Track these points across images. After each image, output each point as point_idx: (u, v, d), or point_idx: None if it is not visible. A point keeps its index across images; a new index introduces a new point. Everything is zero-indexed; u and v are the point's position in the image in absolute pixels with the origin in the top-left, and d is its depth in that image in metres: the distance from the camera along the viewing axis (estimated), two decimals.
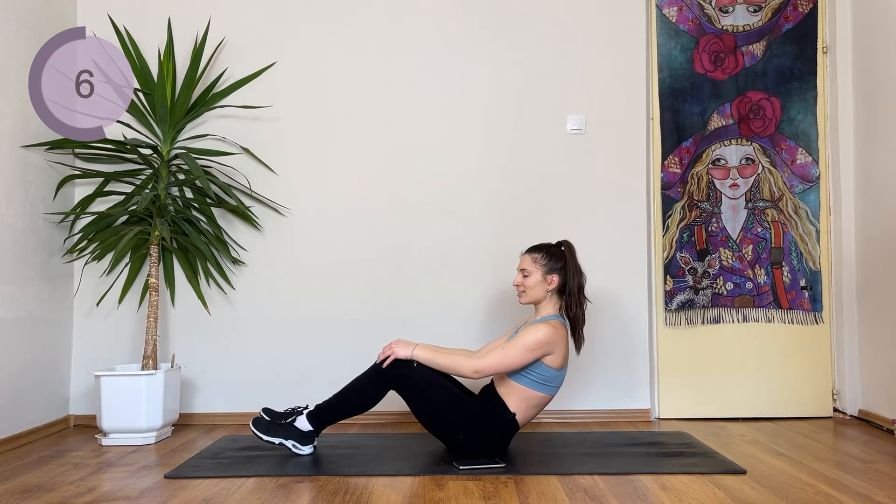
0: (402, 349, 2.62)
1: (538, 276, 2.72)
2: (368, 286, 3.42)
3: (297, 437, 2.66)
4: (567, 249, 2.75)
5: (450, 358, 2.62)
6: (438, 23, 3.48)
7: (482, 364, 2.58)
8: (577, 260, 2.75)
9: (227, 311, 3.42)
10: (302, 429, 2.66)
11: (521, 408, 2.65)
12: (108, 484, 2.36)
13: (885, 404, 3.16)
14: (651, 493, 2.21)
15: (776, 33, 3.50)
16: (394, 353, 2.61)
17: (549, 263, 2.72)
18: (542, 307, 2.75)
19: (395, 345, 2.63)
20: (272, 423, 2.68)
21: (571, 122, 3.45)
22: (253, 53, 3.46)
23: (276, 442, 2.66)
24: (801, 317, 3.46)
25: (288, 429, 2.66)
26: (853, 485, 2.28)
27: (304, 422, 2.66)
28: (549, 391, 2.67)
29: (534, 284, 2.72)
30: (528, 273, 2.73)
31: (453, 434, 2.63)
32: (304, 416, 2.67)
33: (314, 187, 3.44)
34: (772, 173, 3.49)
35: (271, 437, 2.65)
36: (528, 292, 2.74)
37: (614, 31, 3.48)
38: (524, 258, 2.77)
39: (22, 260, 3.01)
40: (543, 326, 2.61)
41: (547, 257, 2.73)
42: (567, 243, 2.78)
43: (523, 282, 2.74)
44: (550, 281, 2.72)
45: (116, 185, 3.39)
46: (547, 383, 2.65)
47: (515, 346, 2.59)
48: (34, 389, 3.09)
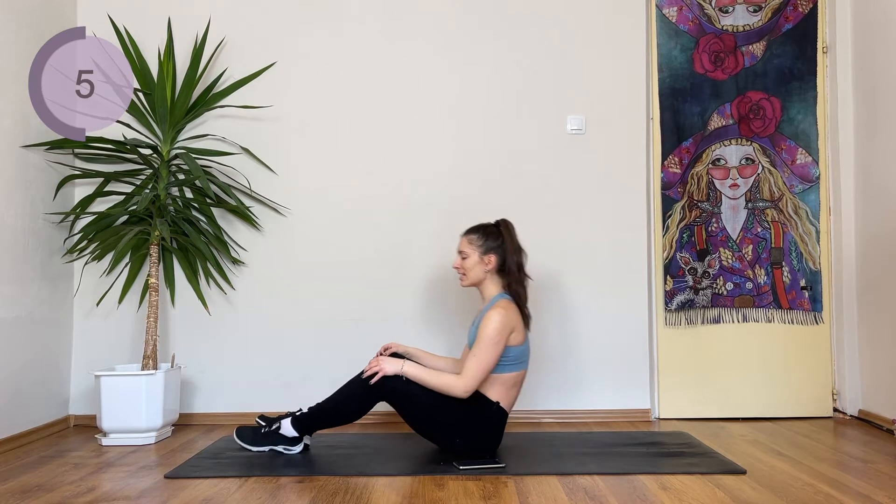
0: (390, 366, 2.58)
1: (476, 257, 2.72)
2: (368, 286, 3.42)
3: (284, 442, 2.68)
4: (504, 228, 2.76)
5: (439, 377, 2.59)
6: (438, 22, 3.48)
7: (469, 382, 2.57)
8: (515, 238, 2.75)
9: (227, 311, 3.42)
10: (287, 435, 2.67)
11: (502, 394, 2.66)
12: (108, 484, 2.36)
13: (885, 404, 3.16)
14: (651, 493, 2.21)
15: (776, 33, 3.50)
16: (382, 370, 2.58)
17: (485, 243, 2.72)
18: (484, 289, 2.76)
19: (384, 361, 2.60)
20: (257, 431, 2.69)
21: (571, 122, 3.45)
22: (253, 53, 3.46)
23: (266, 450, 2.68)
24: (801, 317, 3.46)
25: (274, 436, 2.67)
26: (853, 485, 2.28)
27: (289, 427, 2.67)
28: (520, 367, 2.69)
29: (472, 266, 2.73)
30: (466, 255, 2.73)
31: (450, 439, 2.63)
32: (288, 420, 2.67)
33: (314, 187, 3.44)
34: (772, 173, 3.49)
35: (260, 447, 2.67)
36: (467, 274, 2.74)
37: (614, 31, 3.48)
38: (461, 240, 2.77)
39: (22, 260, 3.01)
40: (494, 312, 2.61)
41: (483, 237, 2.73)
42: (505, 221, 2.79)
43: (462, 264, 2.75)
44: (488, 261, 2.72)
45: (116, 185, 3.39)
46: (516, 361, 2.67)
47: (483, 346, 2.58)
48: (34, 389, 3.09)
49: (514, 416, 3.36)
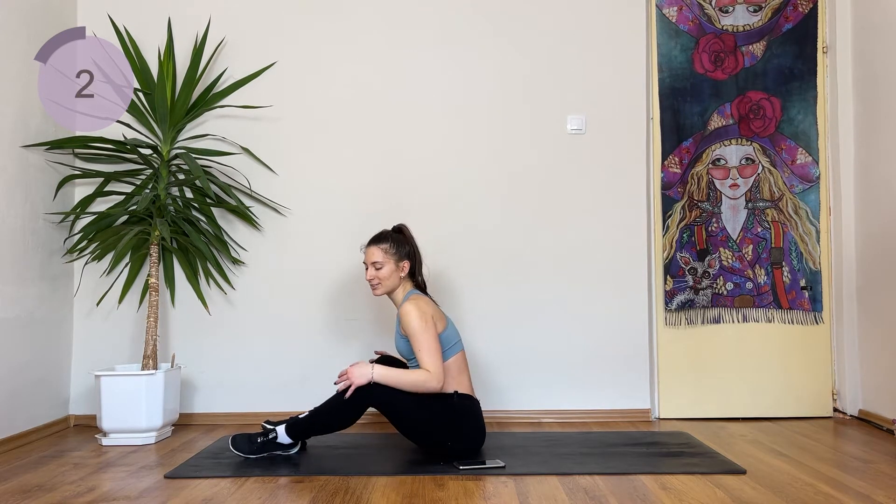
0: (360, 376, 2.54)
1: (392, 265, 2.74)
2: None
3: (280, 449, 2.68)
4: (407, 231, 2.82)
5: (407, 375, 2.57)
6: (439, 24, 3.48)
7: (434, 371, 2.57)
8: (414, 240, 2.82)
9: (227, 311, 3.42)
10: (283, 443, 2.67)
11: (453, 381, 2.69)
12: (108, 484, 2.36)
13: (885, 404, 3.16)
14: (651, 493, 2.21)
15: (776, 33, 3.50)
16: (353, 382, 2.54)
17: (397, 250, 2.75)
18: (396, 295, 2.79)
19: (353, 373, 2.55)
20: (253, 439, 2.67)
21: (571, 122, 3.45)
22: (253, 53, 3.46)
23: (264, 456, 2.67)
24: (801, 317, 3.46)
25: (270, 445, 2.66)
26: (853, 485, 2.28)
27: (284, 436, 2.66)
28: (455, 350, 2.72)
29: (389, 274, 2.74)
30: (381, 265, 2.74)
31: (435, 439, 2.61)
32: (283, 429, 2.66)
33: (314, 187, 3.44)
34: (772, 173, 3.49)
35: (258, 455, 2.66)
36: (383, 283, 2.75)
37: (614, 31, 3.48)
38: (371, 251, 2.76)
39: (22, 260, 3.01)
40: (409, 306, 2.64)
41: (395, 245, 2.76)
42: (404, 226, 2.84)
43: (377, 274, 2.74)
44: (402, 267, 2.76)
45: (116, 185, 3.39)
46: (449, 345, 2.70)
47: (419, 338, 2.59)
48: (34, 389, 3.09)
49: (514, 416, 3.37)
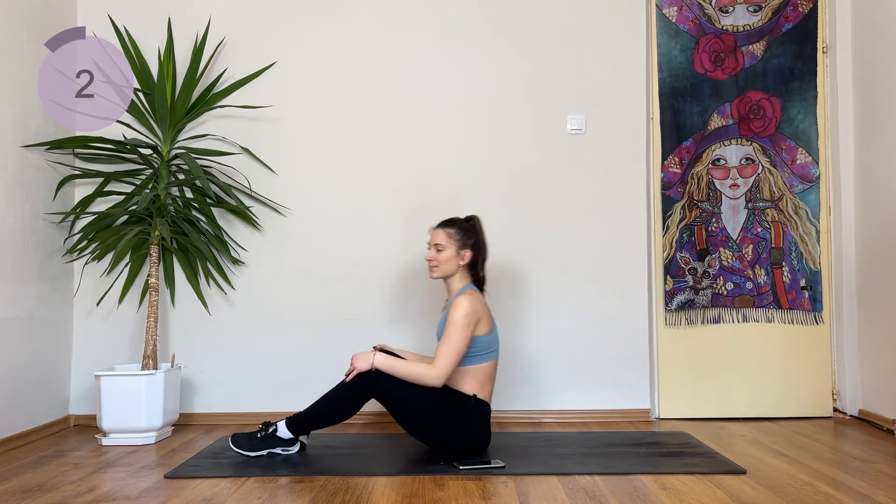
0: (362, 362, 2.60)
1: (452, 251, 2.75)
2: (369, 286, 3.42)
3: (280, 444, 2.68)
4: (478, 223, 2.82)
5: (409, 367, 2.60)
6: (439, 24, 3.48)
7: (442, 368, 2.58)
8: (484, 235, 2.82)
9: (227, 311, 3.42)
10: (283, 437, 2.68)
11: (477, 386, 2.68)
12: (108, 484, 2.36)
13: (885, 404, 3.16)
14: (651, 493, 2.21)
15: (776, 33, 3.50)
16: (356, 367, 2.61)
17: (462, 239, 2.76)
18: (453, 282, 2.78)
19: (357, 359, 2.62)
20: (253, 436, 2.68)
21: (571, 122, 3.45)
22: (253, 53, 3.46)
23: (264, 454, 2.67)
24: (801, 317, 3.46)
25: (270, 439, 2.67)
26: (853, 485, 2.28)
27: (285, 430, 2.67)
28: (491, 357, 2.71)
29: (447, 259, 2.75)
30: (443, 248, 2.75)
31: (438, 438, 2.63)
32: (283, 423, 2.68)
33: (314, 187, 3.44)
34: (772, 173, 3.49)
35: (259, 452, 2.66)
36: (440, 266, 2.76)
37: (614, 31, 3.48)
38: (437, 233, 2.79)
39: (22, 260, 3.01)
40: (462, 299, 2.65)
41: (461, 233, 2.77)
42: (476, 218, 2.84)
43: (436, 256, 2.76)
44: (463, 256, 2.76)
45: (116, 185, 3.39)
46: (486, 351, 2.69)
47: (452, 332, 2.61)
48: (34, 389, 3.09)
49: (514, 416, 3.37)
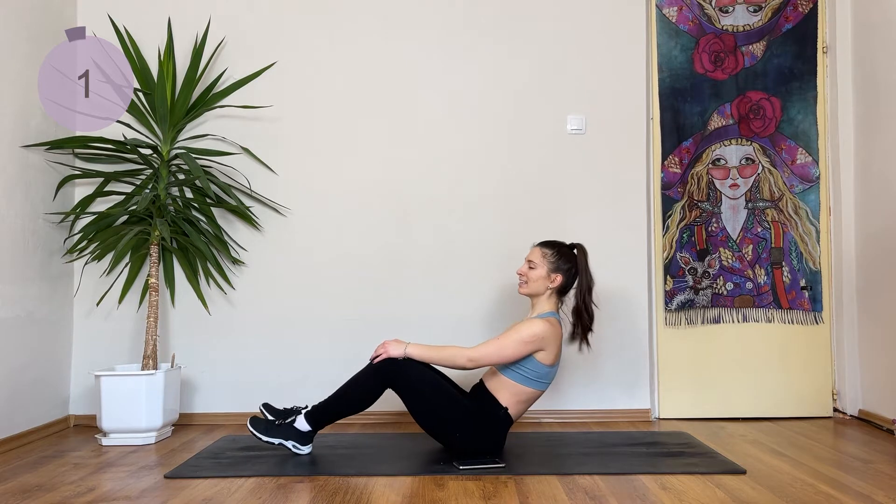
0: (394, 348, 2.63)
1: (543, 271, 2.73)
2: (369, 286, 3.42)
3: (296, 437, 2.65)
4: (580, 252, 2.77)
5: (443, 351, 2.65)
6: (439, 23, 3.48)
7: (477, 353, 2.61)
8: (588, 265, 2.76)
9: (227, 311, 3.42)
10: (301, 429, 2.66)
11: (513, 402, 2.67)
12: (108, 484, 2.36)
13: (885, 404, 3.16)
14: (651, 493, 2.21)
15: (776, 33, 3.50)
16: (387, 351, 2.63)
17: (557, 262, 2.73)
18: (539, 303, 2.76)
19: (389, 344, 2.65)
20: (271, 423, 2.67)
21: (571, 122, 3.45)
22: (253, 53, 3.46)
23: (276, 442, 2.65)
24: (801, 317, 3.46)
25: (287, 429, 2.65)
26: (853, 485, 2.28)
27: (303, 422, 2.66)
28: (539, 387, 2.69)
29: (537, 278, 2.73)
30: (535, 266, 2.74)
31: (450, 433, 2.63)
32: (302, 415, 2.67)
33: (314, 187, 3.44)
34: (772, 173, 3.49)
35: (271, 438, 2.65)
36: (529, 284, 2.75)
37: (614, 31, 3.48)
38: (535, 250, 2.78)
39: (22, 260, 3.01)
40: (540, 321, 2.64)
41: (557, 256, 2.74)
42: (580, 247, 2.79)
43: (528, 272, 2.75)
44: (553, 279, 2.73)
45: (116, 185, 3.39)
46: (538, 379, 2.67)
47: (510, 338, 2.61)
48: (34, 389, 3.09)
49: None
